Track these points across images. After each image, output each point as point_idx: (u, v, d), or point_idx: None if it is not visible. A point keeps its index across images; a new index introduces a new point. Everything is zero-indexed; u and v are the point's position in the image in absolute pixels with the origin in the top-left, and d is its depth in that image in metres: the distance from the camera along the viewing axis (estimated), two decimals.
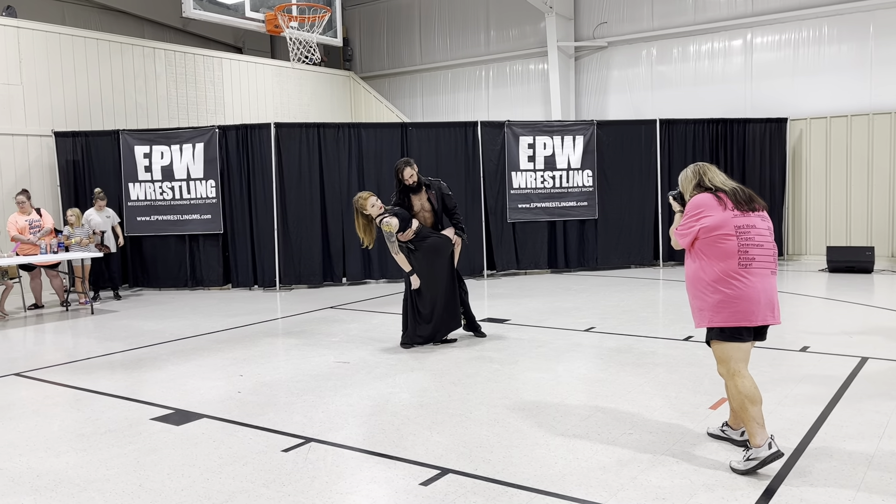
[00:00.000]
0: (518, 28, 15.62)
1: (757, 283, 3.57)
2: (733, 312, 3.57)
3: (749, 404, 3.59)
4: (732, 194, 3.66)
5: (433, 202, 6.79)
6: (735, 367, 3.66)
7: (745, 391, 3.61)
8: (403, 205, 6.76)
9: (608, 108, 14.60)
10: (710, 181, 3.75)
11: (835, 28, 12.33)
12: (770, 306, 3.62)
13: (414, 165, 6.71)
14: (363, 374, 5.78)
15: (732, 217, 3.59)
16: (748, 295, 3.56)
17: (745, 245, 3.57)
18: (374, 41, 17.84)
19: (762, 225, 3.63)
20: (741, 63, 13.23)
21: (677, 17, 13.73)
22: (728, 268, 3.58)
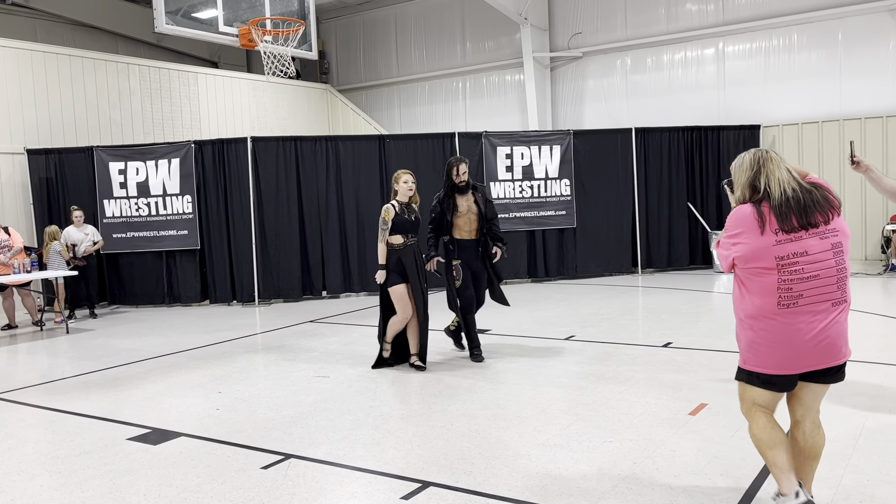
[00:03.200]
0: (494, 39, 15.72)
1: (802, 325, 2.82)
2: (767, 358, 2.90)
3: (765, 449, 3.00)
4: (779, 207, 2.84)
5: (480, 205, 6.39)
6: (749, 410, 3.06)
7: (756, 435, 3.03)
8: (449, 206, 6.38)
9: (584, 117, 14.72)
10: (765, 180, 2.91)
11: (804, 36, 12.55)
12: (825, 348, 2.85)
13: (467, 162, 6.43)
14: (343, 388, 5.74)
15: (775, 244, 2.81)
16: (787, 338, 2.84)
17: (788, 281, 2.81)
18: (350, 54, 17.86)
19: (819, 247, 2.81)
20: (714, 71, 13.41)
21: (650, 26, 13.90)
22: (765, 306, 2.86)
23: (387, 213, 6.01)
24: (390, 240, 6.06)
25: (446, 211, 6.40)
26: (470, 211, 6.40)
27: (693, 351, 6.48)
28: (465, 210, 6.40)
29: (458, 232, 6.44)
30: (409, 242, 6.14)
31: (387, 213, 6.01)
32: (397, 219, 6.05)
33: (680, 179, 12.54)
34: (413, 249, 6.14)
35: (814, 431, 3.03)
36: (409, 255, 6.11)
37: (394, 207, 6.05)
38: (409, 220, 6.12)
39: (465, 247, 6.46)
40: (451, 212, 6.38)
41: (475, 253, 6.47)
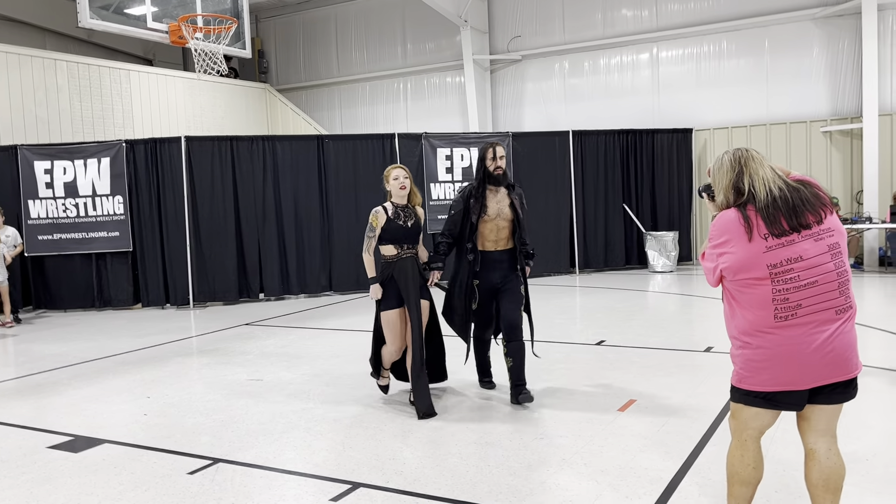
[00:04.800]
0: (434, 41, 15.76)
1: (804, 337, 2.55)
2: (767, 376, 2.61)
3: (736, 483, 2.80)
4: (766, 209, 2.59)
5: (517, 209, 5.04)
6: (741, 433, 2.79)
7: (734, 465, 2.79)
8: (476, 205, 5.00)
9: (524, 119, 14.88)
10: (749, 181, 2.66)
11: (733, 43, 12.97)
12: (832, 360, 2.57)
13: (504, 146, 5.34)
14: (277, 391, 5.66)
15: (765, 250, 2.55)
16: (789, 354, 2.56)
17: (783, 291, 2.54)
18: (290, 53, 17.64)
19: (814, 250, 2.55)
20: (649, 76, 13.73)
21: (587, 31, 14.15)
22: (760, 321, 2.59)
23: (375, 218, 4.93)
24: (381, 250, 5.00)
25: (471, 210, 4.96)
26: (500, 216, 5.01)
27: (625, 349, 6.62)
28: (495, 214, 5.00)
29: (480, 241, 5.02)
30: (405, 254, 4.95)
31: (375, 218, 4.93)
32: (389, 224, 4.91)
33: (616, 181, 12.80)
34: (410, 263, 4.94)
35: (830, 460, 2.68)
36: (405, 270, 4.90)
37: (385, 210, 4.93)
38: (404, 226, 4.94)
39: (491, 261, 5.02)
40: (477, 212, 4.95)
41: (502, 266, 5.04)
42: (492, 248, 5.05)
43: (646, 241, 12.60)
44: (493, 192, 5.03)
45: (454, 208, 5.09)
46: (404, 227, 4.95)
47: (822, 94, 12.36)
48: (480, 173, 5.05)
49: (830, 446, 2.70)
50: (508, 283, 5.05)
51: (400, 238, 4.94)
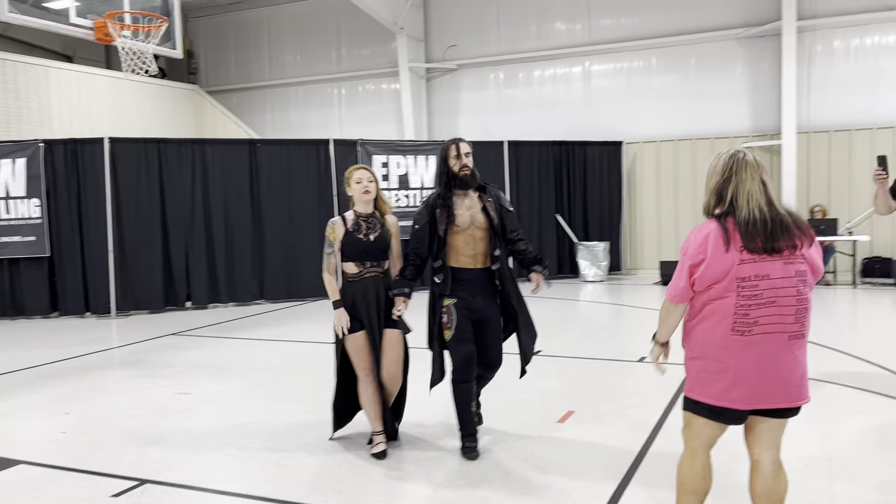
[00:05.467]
0: (370, 47, 15.64)
1: (755, 359, 2.59)
2: (716, 389, 2.65)
3: (684, 492, 2.82)
4: (746, 226, 2.60)
5: (490, 214, 4.17)
6: (694, 445, 2.81)
7: (685, 474, 2.82)
8: (442, 214, 4.14)
9: (459, 128, 14.92)
10: (733, 191, 2.66)
11: (662, 59, 13.36)
12: (779, 385, 2.61)
13: (470, 143, 4.24)
14: (207, 405, 5.44)
15: (738, 262, 2.57)
16: (739, 371, 2.61)
17: (745, 306, 2.57)
18: (220, 54, 17.19)
19: (781, 272, 2.57)
20: (581, 88, 13.99)
21: (522, 42, 14.32)
22: (718, 332, 2.62)
23: (331, 230, 4.20)
24: (343, 267, 4.22)
25: (437, 221, 4.12)
26: (474, 224, 4.15)
27: (561, 359, 6.67)
28: (467, 223, 4.13)
29: (454, 256, 4.18)
30: (368, 273, 4.19)
31: (331, 230, 4.20)
32: (348, 238, 4.16)
33: (549, 192, 12.97)
34: (375, 283, 4.19)
35: (774, 473, 2.75)
36: (366, 291, 4.16)
37: (344, 221, 4.20)
38: (366, 239, 4.17)
39: (464, 281, 4.17)
40: (444, 223, 4.11)
41: (483, 290, 4.21)
42: (469, 265, 4.15)
43: (577, 250, 12.80)
44: (461, 198, 4.18)
45: (418, 222, 4.20)
46: (365, 242, 4.15)
47: (745, 111, 12.86)
48: (444, 176, 4.18)
49: (775, 459, 2.76)
50: (489, 316, 4.21)
51: (361, 254, 4.17)
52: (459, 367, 4.15)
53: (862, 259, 11.84)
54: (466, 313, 4.15)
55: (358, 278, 4.20)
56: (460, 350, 4.13)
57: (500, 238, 4.20)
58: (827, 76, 12.21)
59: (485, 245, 4.18)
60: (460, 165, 4.16)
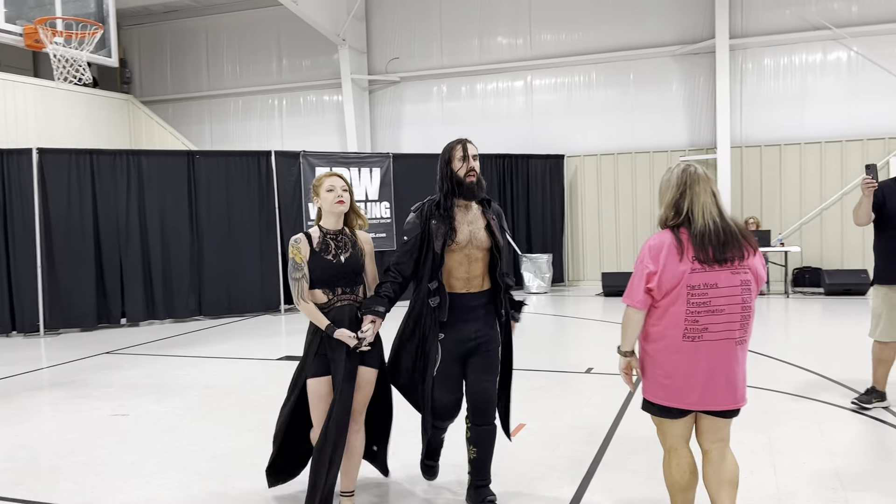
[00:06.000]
0: (311, 58, 15.48)
1: (703, 362, 2.75)
2: (667, 394, 2.83)
3: (672, 493, 2.96)
4: (698, 237, 2.75)
5: (495, 233, 3.52)
6: (670, 444, 2.95)
7: (673, 475, 2.93)
8: (440, 228, 3.44)
9: (403, 141, 14.89)
10: (689, 204, 2.80)
11: (602, 74, 13.63)
12: (724, 387, 2.78)
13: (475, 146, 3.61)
14: (146, 426, 5.21)
15: (690, 272, 2.72)
16: (686, 373, 2.77)
17: (695, 313, 2.72)
18: (156, 64, 16.74)
19: (728, 281, 2.73)
20: (523, 102, 14.15)
21: (464, 56, 14.41)
22: (670, 337, 2.78)
23: (295, 250, 3.40)
24: (311, 296, 3.44)
25: (433, 236, 3.42)
26: (473, 243, 3.47)
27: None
28: (465, 240, 3.46)
29: (449, 278, 3.49)
30: (340, 301, 3.45)
31: (295, 250, 3.40)
32: (315, 260, 3.41)
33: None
34: (348, 314, 3.46)
35: (720, 460, 2.91)
36: (339, 324, 3.40)
37: (308, 239, 3.44)
38: (336, 261, 3.43)
39: (462, 308, 3.47)
40: (442, 238, 3.41)
41: (480, 321, 3.50)
42: (462, 290, 3.48)
43: (521, 263, 12.90)
44: (463, 210, 3.50)
45: (408, 233, 3.50)
46: (335, 264, 3.41)
47: (681, 125, 13.22)
48: (446, 182, 3.50)
49: (721, 449, 2.94)
50: (484, 342, 3.50)
51: (330, 279, 3.42)
52: (441, 410, 3.54)
53: (793, 269, 12.28)
54: (454, 350, 3.46)
55: (327, 308, 3.42)
56: (444, 397, 3.50)
57: (502, 260, 3.54)
58: (758, 93, 12.67)
59: (481, 268, 3.52)
60: (467, 169, 3.47)
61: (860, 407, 5.05)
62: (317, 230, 3.50)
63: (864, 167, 4.95)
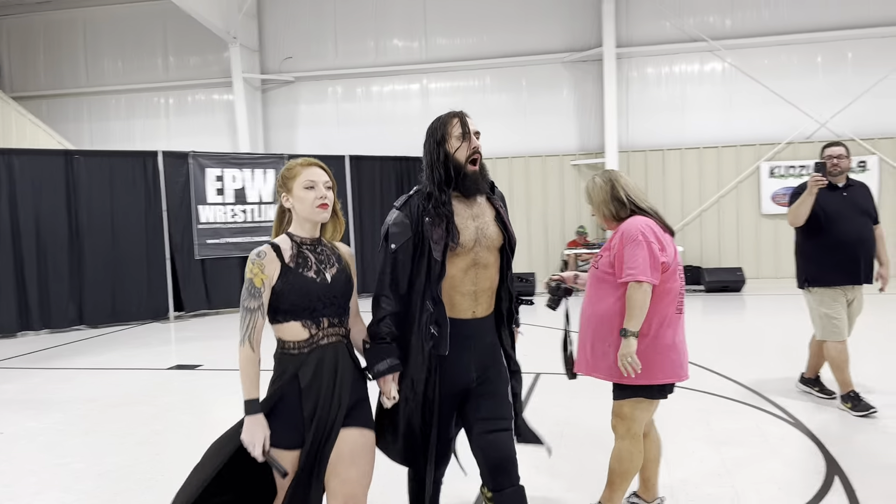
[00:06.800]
0: (200, 56, 14.93)
1: (681, 331, 3.00)
2: (673, 367, 2.93)
3: (623, 479, 3.07)
4: (656, 216, 3.01)
5: (507, 227, 2.75)
6: (637, 430, 3.04)
7: (628, 460, 3.04)
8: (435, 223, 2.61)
9: (298, 142, 14.61)
10: (625, 192, 3.02)
11: (496, 79, 13.90)
12: (687, 357, 3.04)
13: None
14: (23, 444, 4.84)
15: (675, 250, 2.97)
16: (681, 346, 2.98)
17: (680, 286, 2.96)
18: (27, 57, 15.64)
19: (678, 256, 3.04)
20: (420, 105, 14.21)
21: (360, 57, 14.31)
22: (667, 312, 2.91)
23: (257, 268, 2.44)
24: (278, 332, 2.49)
25: (430, 239, 2.59)
26: (480, 242, 2.66)
27: None
28: (471, 240, 2.65)
29: (451, 297, 2.65)
30: (326, 338, 2.49)
31: (257, 268, 2.44)
32: (289, 278, 2.45)
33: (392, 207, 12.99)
34: (335, 355, 2.50)
35: (657, 437, 3.28)
36: (322, 369, 2.46)
37: (278, 252, 2.48)
38: (320, 280, 2.49)
39: (465, 337, 2.65)
40: (442, 240, 2.59)
41: (487, 353, 2.71)
42: (466, 313, 2.65)
43: None
44: (464, 203, 2.68)
45: (396, 239, 2.62)
46: (318, 284, 2.47)
47: (572, 130, 13.67)
48: (438, 170, 2.66)
49: (654, 428, 3.29)
50: (490, 378, 2.68)
51: (314, 306, 2.45)
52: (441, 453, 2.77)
53: None
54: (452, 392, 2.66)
55: (308, 348, 2.45)
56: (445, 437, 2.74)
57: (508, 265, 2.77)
58: (642, 100, 13.29)
59: (491, 277, 2.69)
60: (469, 151, 2.68)
61: (866, 415, 4.72)
62: (286, 240, 2.52)
63: (814, 165, 4.75)
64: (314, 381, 2.44)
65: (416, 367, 2.62)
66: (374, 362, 2.57)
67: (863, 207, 4.88)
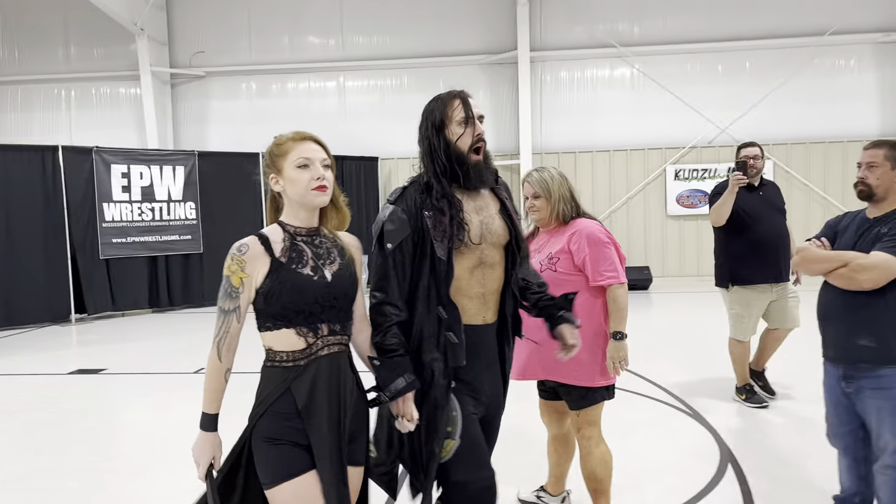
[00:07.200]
0: (104, 47, 14.29)
1: None
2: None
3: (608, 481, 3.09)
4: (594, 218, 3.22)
5: (514, 223, 2.47)
6: (598, 429, 3.10)
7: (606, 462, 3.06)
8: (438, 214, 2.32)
9: (210, 138, 14.21)
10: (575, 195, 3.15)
11: (413, 79, 13.93)
12: None
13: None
14: None
15: None
16: None
17: None
18: None
19: None
20: (336, 103, 14.09)
21: (274, 53, 14.06)
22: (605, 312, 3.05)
23: (236, 265, 2.07)
24: (266, 340, 2.15)
25: (433, 236, 2.29)
26: (486, 238, 2.39)
27: None
28: (478, 234, 2.38)
29: (458, 301, 2.34)
30: (326, 349, 2.11)
31: (236, 265, 2.07)
32: (282, 278, 2.06)
33: None
34: (338, 366, 2.12)
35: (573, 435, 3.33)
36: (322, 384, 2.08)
37: (265, 244, 2.10)
38: (319, 279, 2.10)
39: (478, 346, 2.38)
40: (447, 235, 2.30)
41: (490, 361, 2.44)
42: (478, 320, 2.37)
43: None
44: (466, 195, 2.40)
45: (391, 237, 2.30)
46: (315, 282, 2.09)
47: (488, 132, 13.55)
48: (439, 160, 2.38)
49: None
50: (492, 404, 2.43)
51: (310, 309, 2.07)
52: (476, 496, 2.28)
53: None
54: (473, 407, 2.32)
55: (305, 360, 2.07)
56: (476, 478, 2.27)
57: (522, 258, 2.49)
58: (556, 103, 13.61)
59: (498, 277, 2.41)
60: (474, 138, 2.37)
61: (760, 407, 4.99)
62: (277, 230, 2.13)
63: (735, 164, 4.87)
64: (311, 402, 2.05)
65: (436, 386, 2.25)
66: (388, 380, 2.17)
67: (778, 206, 5.08)
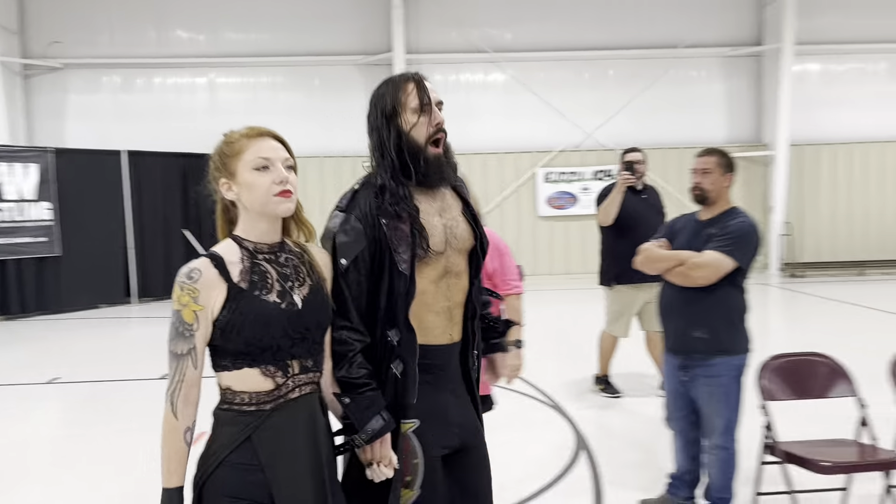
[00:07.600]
0: None
1: None
2: None
3: None
4: None
5: (478, 224, 2.16)
6: None
7: None
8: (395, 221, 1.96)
9: (68, 134, 13.37)
10: None
11: (288, 77, 13.73)
12: None
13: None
14: None
15: None
16: None
17: None
18: None
19: None
20: (207, 99, 13.64)
21: (140, 47, 13.43)
22: None
23: (188, 295, 1.67)
24: (224, 380, 1.74)
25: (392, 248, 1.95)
26: (451, 244, 2.06)
27: None
28: (442, 241, 2.04)
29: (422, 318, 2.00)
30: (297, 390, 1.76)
31: (188, 295, 1.67)
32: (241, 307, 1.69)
33: (175, 206, 12.31)
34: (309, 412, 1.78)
35: None
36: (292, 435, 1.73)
37: (219, 267, 1.72)
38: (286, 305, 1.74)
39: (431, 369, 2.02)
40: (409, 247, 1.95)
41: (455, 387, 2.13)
42: (444, 339, 2.07)
43: None
44: (426, 195, 2.08)
45: (344, 252, 1.97)
46: (283, 310, 1.74)
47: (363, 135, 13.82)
48: (390, 154, 2.03)
49: None
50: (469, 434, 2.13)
51: (277, 343, 1.73)
52: None
53: None
54: (442, 442, 2.03)
55: (272, 403, 1.73)
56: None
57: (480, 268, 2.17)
58: None
59: (464, 287, 2.11)
60: (433, 128, 2.07)
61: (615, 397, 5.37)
62: (232, 248, 1.79)
63: (623, 163, 4.94)
64: (279, 454, 1.68)
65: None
66: (363, 420, 1.83)
67: (658, 209, 5.41)
